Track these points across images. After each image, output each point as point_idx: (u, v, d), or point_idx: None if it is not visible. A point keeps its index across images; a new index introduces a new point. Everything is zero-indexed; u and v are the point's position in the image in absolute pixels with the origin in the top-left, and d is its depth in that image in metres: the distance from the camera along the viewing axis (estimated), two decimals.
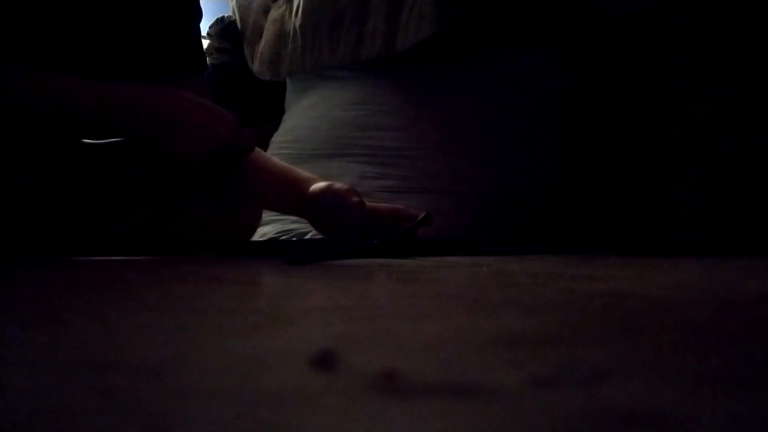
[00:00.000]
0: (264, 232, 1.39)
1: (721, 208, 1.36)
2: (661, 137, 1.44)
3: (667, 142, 1.43)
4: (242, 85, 1.73)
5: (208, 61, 1.28)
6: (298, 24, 1.59)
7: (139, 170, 0.97)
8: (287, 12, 1.65)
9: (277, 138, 1.59)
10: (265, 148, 1.50)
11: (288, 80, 1.67)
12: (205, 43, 1.80)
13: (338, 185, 1.05)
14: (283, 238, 1.37)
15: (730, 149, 1.36)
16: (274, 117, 1.68)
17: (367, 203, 1.04)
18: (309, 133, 1.52)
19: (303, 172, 1.12)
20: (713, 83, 1.38)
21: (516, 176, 1.42)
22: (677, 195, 1.41)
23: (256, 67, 1.68)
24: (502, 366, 0.27)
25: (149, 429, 0.19)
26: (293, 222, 1.37)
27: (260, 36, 1.70)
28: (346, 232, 1.03)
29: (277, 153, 1.47)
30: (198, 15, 1.09)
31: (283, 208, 1.18)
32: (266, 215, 1.29)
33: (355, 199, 1.02)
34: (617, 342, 0.32)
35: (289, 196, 1.08)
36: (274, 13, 1.69)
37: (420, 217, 0.95)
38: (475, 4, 1.41)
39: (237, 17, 1.78)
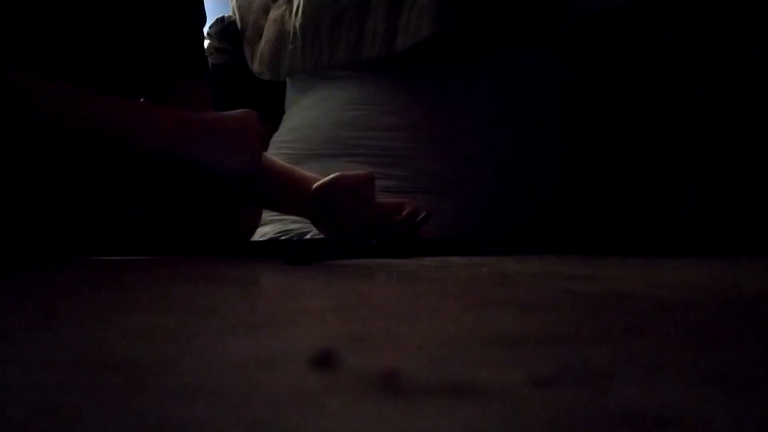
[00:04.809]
0: (264, 232, 1.39)
1: (721, 208, 1.36)
2: (661, 137, 1.44)
3: (667, 142, 1.43)
4: (242, 85, 1.73)
5: (209, 62, 1.27)
6: (298, 24, 1.59)
7: (139, 171, 0.97)
8: (287, 12, 1.65)
9: (277, 138, 1.59)
10: (265, 148, 1.50)
11: (288, 80, 1.67)
12: (205, 43, 1.80)
13: (353, 172, 1.06)
14: (283, 238, 1.37)
15: (730, 149, 1.36)
16: (274, 117, 1.68)
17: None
18: (309, 133, 1.52)
19: (304, 171, 1.12)
20: (713, 83, 1.38)
21: (516, 176, 1.42)
22: (677, 195, 1.41)
23: (256, 67, 1.68)
24: (502, 366, 0.27)
25: (149, 429, 0.19)
26: (293, 222, 1.37)
27: (260, 36, 1.70)
28: (350, 223, 1.03)
29: (277, 153, 1.47)
30: (202, 17, 1.09)
31: (284, 207, 1.18)
32: (266, 215, 1.29)
33: (367, 187, 1.02)
34: (617, 342, 0.32)
35: (291, 194, 1.08)
36: (274, 13, 1.69)
37: (420, 218, 0.95)
38: (475, 4, 1.41)
39: (237, 17, 1.78)
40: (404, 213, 1.03)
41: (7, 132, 0.80)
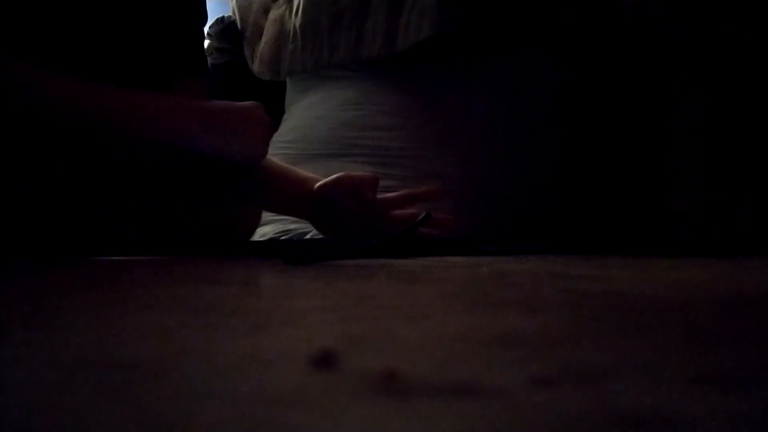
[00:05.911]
0: (264, 232, 1.39)
1: (721, 208, 1.36)
2: (661, 137, 1.44)
3: (667, 142, 1.43)
4: (242, 85, 1.72)
5: (208, 62, 1.28)
6: (298, 24, 1.59)
7: (139, 170, 0.97)
8: (287, 12, 1.65)
9: (277, 138, 1.59)
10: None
11: (288, 80, 1.67)
12: (205, 43, 1.80)
13: (356, 173, 1.07)
14: (283, 238, 1.36)
15: (730, 149, 1.36)
16: (274, 117, 1.68)
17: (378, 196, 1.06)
18: (309, 133, 1.52)
19: (304, 171, 1.12)
20: (713, 83, 1.38)
21: (516, 176, 1.42)
22: (677, 195, 1.41)
23: (256, 67, 1.68)
24: (502, 366, 0.27)
25: (149, 429, 0.19)
26: (293, 222, 1.37)
27: (260, 36, 1.70)
28: (351, 223, 1.03)
29: (277, 153, 1.46)
30: (202, 17, 1.09)
31: (282, 207, 1.18)
32: (266, 215, 1.29)
33: (370, 189, 1.03)
34: (617, 342, 0.32)
35: (290, 195, 1.08)
36: (274, 13, 1.69)
37: (420, 218, 0.95)
38: (476, 5, 1.41)
39: (237, 17, 1.78)
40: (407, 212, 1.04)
41: (16, 126, 0.80)
